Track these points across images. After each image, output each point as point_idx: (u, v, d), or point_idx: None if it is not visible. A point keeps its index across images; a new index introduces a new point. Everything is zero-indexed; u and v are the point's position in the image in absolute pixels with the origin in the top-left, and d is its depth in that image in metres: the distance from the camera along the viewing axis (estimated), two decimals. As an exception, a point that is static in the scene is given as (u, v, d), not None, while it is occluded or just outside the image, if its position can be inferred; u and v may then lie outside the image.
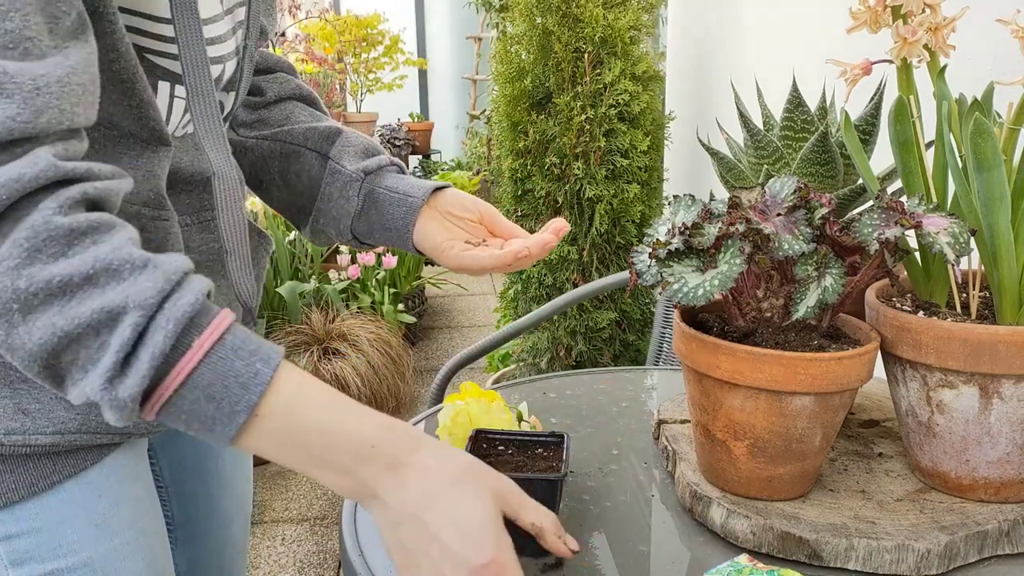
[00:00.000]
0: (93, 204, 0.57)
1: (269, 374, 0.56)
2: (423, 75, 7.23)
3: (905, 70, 0.79)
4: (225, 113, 0.81)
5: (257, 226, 0.91)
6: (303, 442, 0.58)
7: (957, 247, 0.70)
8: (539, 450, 0.79)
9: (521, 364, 2.80)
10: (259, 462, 2.68)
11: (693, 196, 0.79)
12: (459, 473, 0.59)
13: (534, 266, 2.65)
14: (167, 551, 0.82)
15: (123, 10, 0.65)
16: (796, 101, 0.94)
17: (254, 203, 2.95)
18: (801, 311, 0.71)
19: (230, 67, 0.77)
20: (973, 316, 0.77)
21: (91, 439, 0.71)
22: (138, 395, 0.54)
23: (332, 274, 3.22)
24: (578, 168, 2.50)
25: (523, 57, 2.61)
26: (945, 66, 0.77)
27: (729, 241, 0.71)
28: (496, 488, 0.61)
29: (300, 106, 0.94)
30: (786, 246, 0.71)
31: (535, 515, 0.62)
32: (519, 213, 2.66)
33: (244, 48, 0.79)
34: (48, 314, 0.53)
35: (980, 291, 0.79)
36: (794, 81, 0.94)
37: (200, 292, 0.56)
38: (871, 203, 0.76)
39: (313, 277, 3.12)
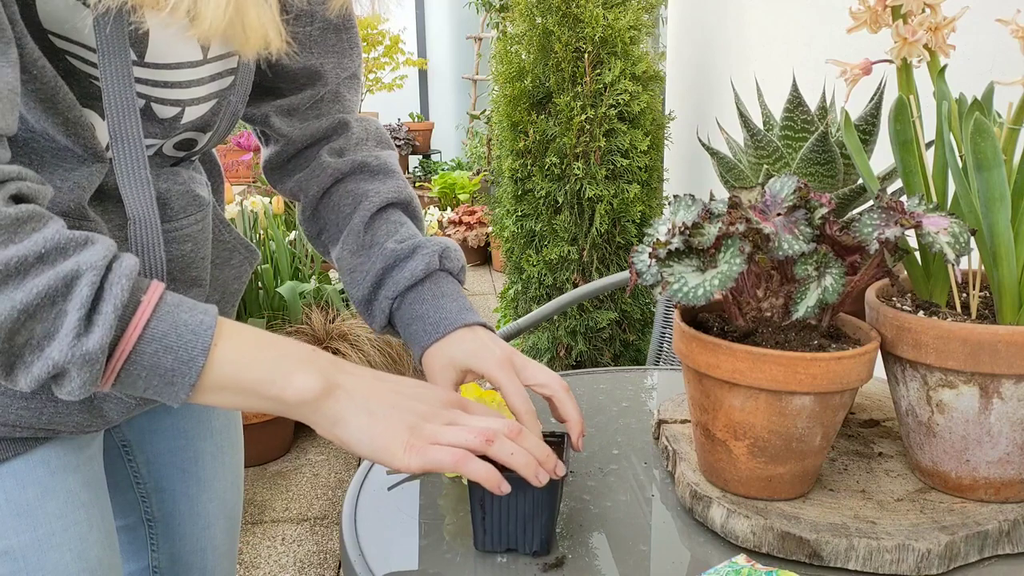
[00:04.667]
0: (25, 200, 0.60)
1: (212, 321, 0.61)
2: (423, 75, 7.24)
3: (905, 70, 0.79)
4: (196, 148, 0.81)
5: (244, 239, 0.91)
6: (259, 362, 0.63)
7: (957, 247, 0.70)
8: (539, 450, 0.79)
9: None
10: (258, 462, 2.67)
11: (693, 196, 0.79)
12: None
13: (534, 266, 2.65)
14: (107, 547, 0.82)
15: (58, 35, 0.66)
16: (796, 101, 0.94)
17: (255, 203, 2.95)
18: (801, 311, 0.71)
19: (196, 111, 0.76)
20: (973, 316, 0.77)
21: (9, 431, 0.73)
22: (106, 345, 0.57)
23: (332, 274, 3.21)
24: (578, 168, 2.50)
25: (523, 57, 2.61)
26: (945, 66, 0.77)
27: (729, 241, 0.71)
28: None
29: (347, 192, 0.90)
30: (786, 246, 0.71)
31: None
32: (519, 213, 2.66)
33: (227, 95, 0.78)
34: (6, 292, 0.55)
35: (980, 291, 0.79)
36: (794, 81, 0.94)
37: (135, 258, 0.61)
38: (871, 203, 0.76)
39: (313, 277, 3.11)
